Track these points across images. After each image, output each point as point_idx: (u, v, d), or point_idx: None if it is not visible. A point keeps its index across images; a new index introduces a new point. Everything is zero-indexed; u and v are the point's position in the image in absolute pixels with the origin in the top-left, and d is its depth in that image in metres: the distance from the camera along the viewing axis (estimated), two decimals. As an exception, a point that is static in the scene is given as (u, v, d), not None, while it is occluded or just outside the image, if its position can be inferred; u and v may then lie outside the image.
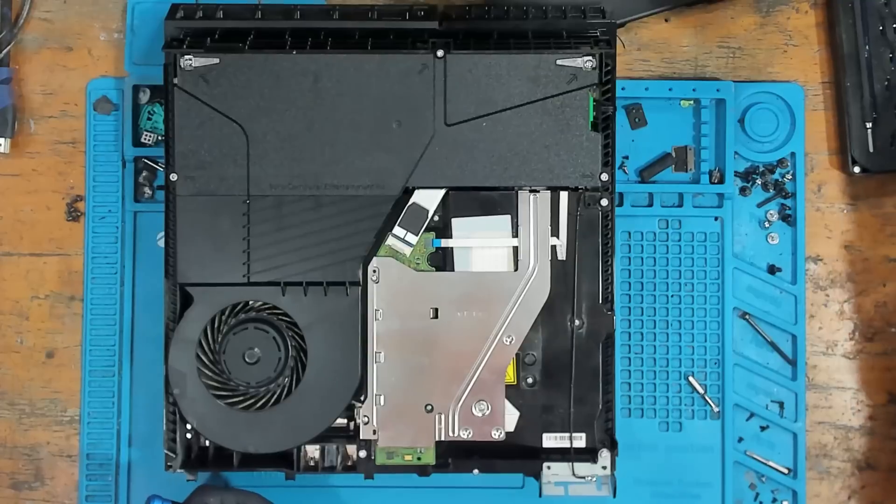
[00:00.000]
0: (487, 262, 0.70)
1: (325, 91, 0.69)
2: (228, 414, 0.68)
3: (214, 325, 0.69)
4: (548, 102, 0.69)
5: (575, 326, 0.71)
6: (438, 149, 0.69)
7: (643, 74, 0.79)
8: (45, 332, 0.77)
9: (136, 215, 0.77)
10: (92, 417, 0.76)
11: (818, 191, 0.78)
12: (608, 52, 0.70)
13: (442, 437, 0.70)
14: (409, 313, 0.70)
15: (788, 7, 0.79)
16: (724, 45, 0.79)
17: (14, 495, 0.77)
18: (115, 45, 0.78)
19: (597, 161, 0.69)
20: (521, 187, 0.70)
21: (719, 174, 0.77)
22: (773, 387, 0.77)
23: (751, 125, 0.77)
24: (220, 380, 0.69)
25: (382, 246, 0.70)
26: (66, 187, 0.78)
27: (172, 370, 0.68)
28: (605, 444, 0.71)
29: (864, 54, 0.77)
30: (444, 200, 0.70)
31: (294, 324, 0.69)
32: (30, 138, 0.78)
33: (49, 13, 0.79)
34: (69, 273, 0.77)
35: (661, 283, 0.77)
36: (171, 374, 0.69)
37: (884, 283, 0.78)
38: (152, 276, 0.75)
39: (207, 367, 0.69)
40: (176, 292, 0.69)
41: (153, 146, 0.77)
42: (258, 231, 0.69)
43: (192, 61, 0.69)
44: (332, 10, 0.72)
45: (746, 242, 0.78)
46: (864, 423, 0.78)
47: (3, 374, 0.77)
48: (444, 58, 0.69)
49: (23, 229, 0.78)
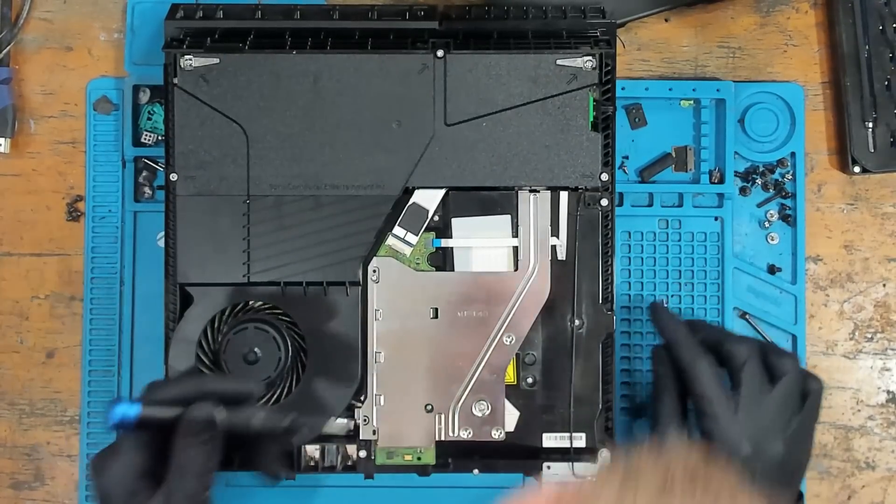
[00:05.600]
0: (487, 262, 0.70)
1: (325, 91, 0.69)
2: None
3: (214, 325, 0.69)
4: (548, 102, 0.69)
5: (575, 326, 0.71)
6: (438, 149, 0.69)
7: (643, 74, 0.79)
8: (45, 332, 0.77)
9: (136, 215, 0.77)
10: (92, 417, 0.76)
11: (818, 191, 0.78)
12: (608, 52, 0.70)
13: (442, 437, 0.70)
14: (409, 313, 0.70)
15: (788, 7, 0.79)
16: (724, 45, 0.79)
17: (14, 495, 0.77)
18: (115, 45, 0.78)
19: (597, 161, 0.69)
20: (521, 187, 0.70)
21: (719, 174, 0.77)
22: (773, 387, 0.77)
23: (751, 125, 0.77)
24: (220, 380, 0.69)
25: (382, 246, 0.70)
26: (66, 187, 0.78)
27: (172, 370, 0.68)
28: (606, 444, 0.71)
29: (864, 54, 0.77)
30: (444, 200, 0.70)
31: (294, 324, 0.69)
32: (30, 138, 0.78)
33: (49, 13, 0.79)
34: (69, 273, 0.77)
35: (661, 283, 0.77)
36: (172, 375, 0.68)
37: (884, 283, 0.78)
38: (152, 276, 0.75)
39: (207, 367, 0.69)
40: (176, 292, 0.69)
41: (153, 146, 0.77)
42: (258, 231, 0.69)
43: (192, 61, 0.69)
44: (332, 10, 0.72)
45: (746, 242, 0.78)
46: (864, 423, 0.78)
47: (3, 374, 0.77)
48: (444, 58, 0.69)
49: (23, 229, 0.78)
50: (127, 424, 0.60)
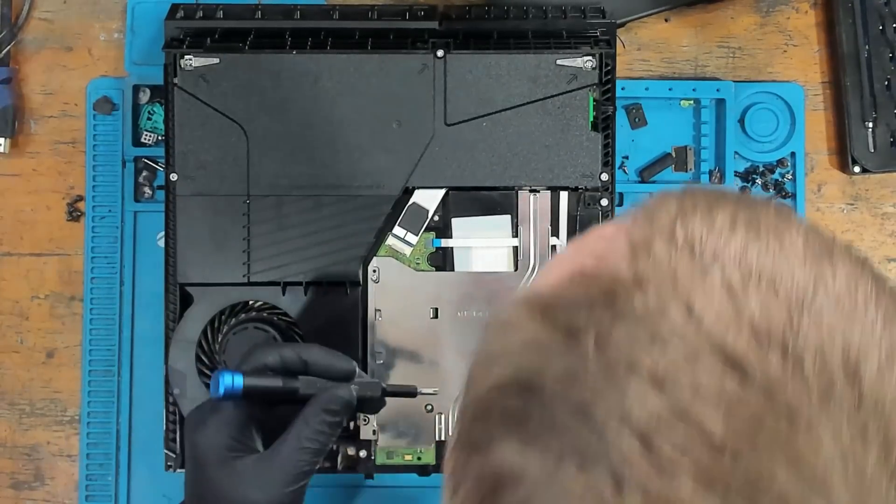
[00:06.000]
0: (487, 262, 0.70)
1: (325, 91, 0.69)
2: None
3: (214, 325, 0.69)
4: (548, 102, 0.69)
5: (575, 326, 0.70)
6: (438, 149, 0.69)
7: (643, 74, 0.79)
8: (45, 332, 0.77)
9: (136, 215, 0.77)
10: (92, 417, 0.76)
11: (818, 191, 0.78)
12: (608, 52, 0.70)
13: (442, 437, 0.70)
14: (409, 313, 0.70)
15: (788, 7, 0.79)
16: (724, 45, 0.79)
17: (14, 495, 0.77)
18: (115, 45, 0.78)
19: (597, 161, 0.69)
20: (521, 187, 0.70)
21: (719, 174, 0.77)
22: (773, 387, 0.77)
23: (751, 125, 0.77)
24: (220, 380, 0.69)
25: (382, 246, 0.70)
26: (66, 187, 0.78)
27: (172, 370, 0.68)
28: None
29: (864, 54, 0.77)
30: (444, 200, 0.70)
31: (294, 324, 0.69)
32: (30, 138, 0.78)
33: (49, 13, 0.79)
34: (69, 273, 0.77)
35: (661, 283, 0.77)
36: (171, 374, 0.69)
37: (884, 283, 0.78)
38: (152, 276, 0.75)
39: (207, 367, 0.69)
40: (176, 292, 0.69)
41: (153, 146, 0.77)
42: (258, 231, 0.69)
43: (192, 61, 0.69)
44: (332, 10, 0.72)
45: (746, 242, 0.78)
46: (864, 423, 0.78)
47: (3, 374, 0.77)
48: (444, 58, 0.69)
49: (23, 229, 0.78)
50: (233, 395, 0.59)
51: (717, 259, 0.33)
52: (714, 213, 0.35)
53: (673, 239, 0.34)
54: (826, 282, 0.33)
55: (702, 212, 0.35)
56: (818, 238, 0.34)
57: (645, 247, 0.34)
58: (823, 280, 0.33)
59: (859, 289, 0.33)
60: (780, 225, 0.34)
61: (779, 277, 0.32)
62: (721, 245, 0.33)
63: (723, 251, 0.33)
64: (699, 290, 0.32)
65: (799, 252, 0.33)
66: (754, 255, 0.33)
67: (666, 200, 0.36)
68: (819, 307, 0.32)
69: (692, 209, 0.35)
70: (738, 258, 0.33)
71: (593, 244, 0.37)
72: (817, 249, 0.34)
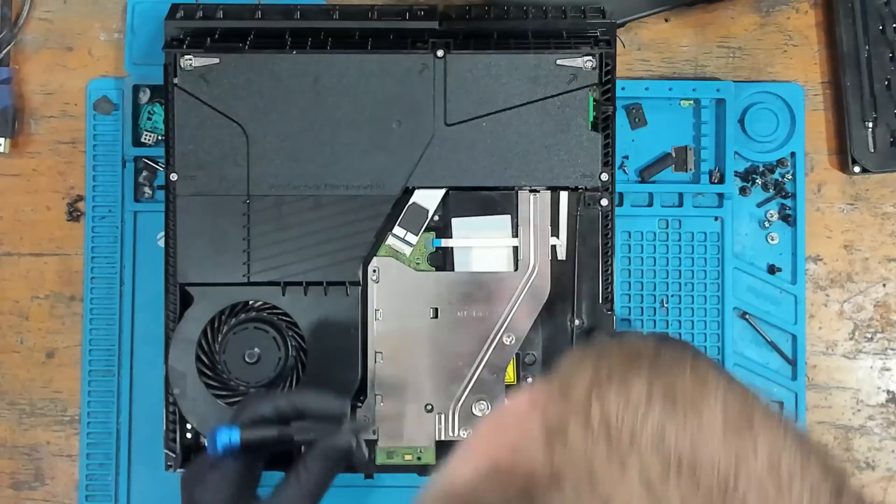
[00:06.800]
0: (487, 262, 0.70)
1: (325, 91, 0.69)
2: (229, 414, 0.68)
3: (214, 325, 0.69)
4: (548, 102, 0.69)
5: (575, 326, 0.71)
6: (438, 149, 0.69)
7: (643, 74, 0.79)
8: (45, 332, 0.77)
9: (136, 215, 0.77)
10: (92, 417, 0.76)
11: (818, 191, 0.78)
12: (608, 52, 0.70)
13: (442, 437, 0.70)
14: (409, 313, 0.70)
15: (788, 7, 0.79)
16: (724, 45, 0.79)
17: (14, 495, 0.77)
18: (115, 45, 0.78)
19: (597, 161, 0.69)
20: (521, 187, 0.70)
21: (719, 174, 0.77)
22: (773, 386, 0.77)
23: (751, 125, 0.77)
24: (220, 380, 0.69)
25: (382, 246, 0.70)
26: (66, 187, 0.78)
27: (172, 370, 0.68)
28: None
29: (864, 54, 0.77)
30: (444, 200, 0.70)
31: (294, 324, 0.69)
32: (30, 138, 0.78)
33: (49, 13, 0.79)
34: (69, 273, 0.77)
35: (661, 283, 0.77)
36: (171, 374, 0.69)
37: (884, 283, 0.78)
38: (152, 276, 0.75)
39: (207, 366, 0.69)
40: (176, 292, 0.69)
41: (153, 146, 0.77)
42: (258, 231, 0.69)
43: (192, 61, 0.69)
44: (332, 10, 0.72)
45: (746, 242, 0.78)
46: (863, 423, 0.78)
47: (3, 374, 0.77)
48: (444, 58, 0.69)
49: (23, 229, 0.78)
50: (231, 450, 0.60)
51: (634, 444, 0.32)
52: (630, 383, 0.34)
53: (588, 421, 0.33)
54: (748, 461, 0.32)
55: (617, 382, 0.34)
56: (737, 404, 0.34)
57: (560, 431, 0.33)
58: (745, 459, 0.32)
59: (783, 463, 0.32)
60: (697, 395, 0.34)
61: (698, 464, 0.31)
62: (638, 426, 0.32)
63: (640, 433, 0.32)
64: (617, 487, 0.31)
65: (717, 428, 0.33)
66: (672, 437, 0.32)
67: (581, 366, 0.35)
68: (742, 496, 0.31)
69: (607, 379, 0.34)
70: (655, 442, 0.32)
71: (508, 429, 0.36)
72: (737, 420, 0.33)
